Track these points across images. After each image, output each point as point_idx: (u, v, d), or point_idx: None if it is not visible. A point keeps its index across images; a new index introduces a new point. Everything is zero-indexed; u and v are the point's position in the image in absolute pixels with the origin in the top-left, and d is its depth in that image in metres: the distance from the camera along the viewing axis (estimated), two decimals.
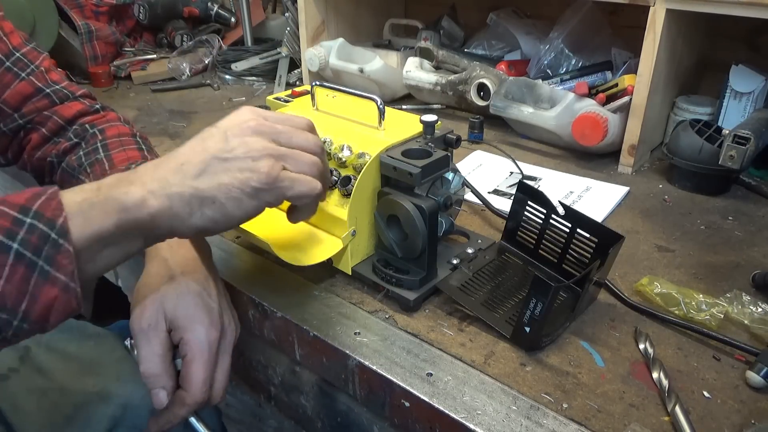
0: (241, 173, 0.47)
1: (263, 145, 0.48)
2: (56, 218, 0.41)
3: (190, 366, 0.54)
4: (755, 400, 0.50)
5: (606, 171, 0.93)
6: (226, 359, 0.58)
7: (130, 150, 0.70)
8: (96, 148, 0.70)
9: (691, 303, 0.59)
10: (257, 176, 0.47)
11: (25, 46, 0.73)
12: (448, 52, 1.17)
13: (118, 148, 0.70)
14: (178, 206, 0.46)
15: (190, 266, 0.58)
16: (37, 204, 0.42)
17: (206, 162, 0.46)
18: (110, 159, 0.68)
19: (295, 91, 0.79)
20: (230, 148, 0.47)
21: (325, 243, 0.64)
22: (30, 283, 0.40)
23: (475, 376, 0.53)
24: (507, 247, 0.69)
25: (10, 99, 0.71)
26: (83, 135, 0.72)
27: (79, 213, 0.43)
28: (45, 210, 0.42)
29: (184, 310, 0.55)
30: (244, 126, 0.49)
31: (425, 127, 0.63)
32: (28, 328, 0.42)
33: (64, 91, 0.74)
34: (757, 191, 0.86)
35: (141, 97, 1.34)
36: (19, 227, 0.40)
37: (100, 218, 0.43)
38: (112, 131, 0.73)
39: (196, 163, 0.46)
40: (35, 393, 0.68)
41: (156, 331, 0.54)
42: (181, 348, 0.55)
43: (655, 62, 0.84)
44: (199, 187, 0.46)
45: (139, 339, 0.54)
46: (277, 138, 0.50)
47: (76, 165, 0.69)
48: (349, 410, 0.63)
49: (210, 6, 1.58)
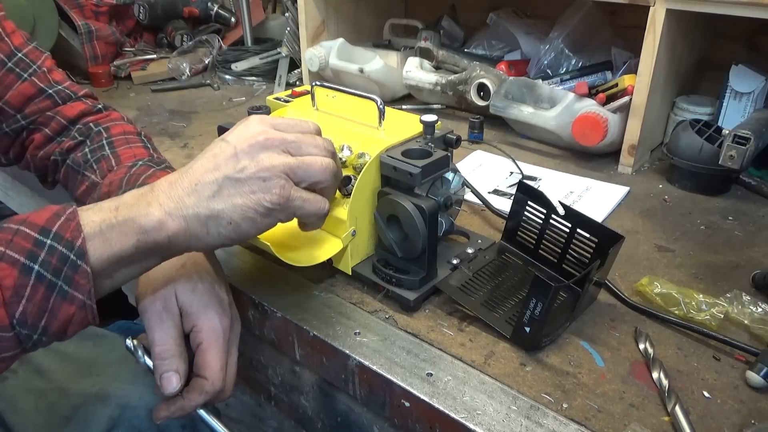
0: (254, 194, 0.48)
1: (274, 163, 0.48)
2: (75, 240, 0.43)
3: (206, 353, 0.54)
4: (755, 400, 0.50)
5: (606, 171, 0.93)
6: (234, 352, 0.58)
7: (136, 147, 0.71)
8: (102, 145, 0.70)
9: (691, 303, 0.59)
10: (269, 197, 0.48)
11: (26, 45, 0.72)
12: (448, 52, 1.17)
13: (124, 145, 0.71)
14: (195, 227, 0.47)
15: (200, 259, 0.59)
16: (56, 225, 0.43)
17: (219, 183, 0.47)
18: (117, 155, 0.69)
19: (295, 91, 0.79)
20: (241, 167, 0.48)
21: (325, 243, 0.63)
22: (50, 302, 0.42)
23: (475, 376, 0.53)
24: (507, 247, 0.69)
25: (12, 100, 0.71)
26: (88, 133, 0.72)
27: (98, 234, 0.44)
28: (64, 232, 0.43)
29: (198, 296, 0.55)
30: (254, 141, 0.49)
31: (425, 127, 0.63)
32: (47, 340, 0.44)
33: (67, 92, 0.74)
34: (757, 191, 0.86)
35: (141, 97, 1.34)
36: (40, 249, 0.42)
37: (119, 240, 0.45)
38: (117, 129, 0.73)
39: (210, 184, 0.47)
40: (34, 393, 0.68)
41: (169, 314, 0.54)
42: (194, 336, 0.55)
43: (655, 62, 0.84)
44: (215, 208, 0.47)
45: (152, 320, 0.54)
46: (287, 148, 0.50)
47: (81, 161, 0.69)
48: (349, 410, 0.63)
49: (210, 6, 1.57)
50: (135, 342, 0.55)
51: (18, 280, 0.41)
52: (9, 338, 0.41)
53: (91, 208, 0.46)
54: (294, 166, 0.49)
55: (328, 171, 0.52)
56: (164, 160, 0.71)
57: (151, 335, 0.53)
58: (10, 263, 0.41)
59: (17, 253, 0.42)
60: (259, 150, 0.49)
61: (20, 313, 0.41)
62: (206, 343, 0.54)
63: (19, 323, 0.41)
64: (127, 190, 0.62)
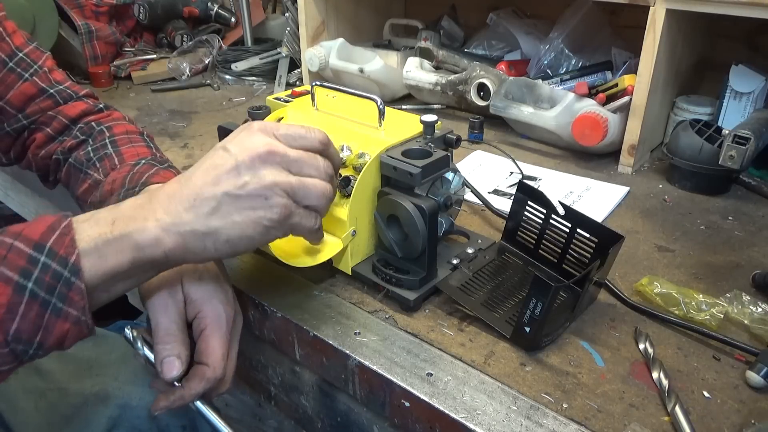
0: (253, 212, 0.47)
1: (275, 180, 0.47)
2: (69, 256, 0.43)
3: (209, 339, 0.54)
4: (755, 400, 0.50)
5: (606, 171, 0.93)
6: (236, 344, 0.58)
7: (139, 146, 0.71)
8: (105, 143, 0.70)
9: (691, 303, 0.59)
10: (270, 215, 0.47)
11: (27, 46, 0.73)
12: (448, 52, 1.17)
13: (127, 144, 0.71)
14: (191, 243, 0.46)
15: None
16: (51, 240, 0.43)
17: (218, 199, 0.46)
18: (120, 154, 0.69)
19: (295, 91, 0.79)
20: (242, 183, 0.46)
21: (325, 243, 0.63)
22: (44, 319, 0.42)
23: (475, 376, 0.53)
24: (507, 247, 0.69)
25: (14, 99, 0.71)
26: (90, 132, 0.72)
27: (93, 250, 0.44)
28: (58, 248, 0.43)
29: (204, 285, 0.55)
30: (255, 155, 0.47)
31: (425, 127, 0.63)
32: (44, 353, 0.44)
33: (68, 91, 0.74)
34: (757, 191, 0.86)
35: (141, 97, 1.34)
36: (34, 266, 0.42)
37: (114, 256, 0.44)
38: (120, 128, 0.73)
39: (209, 200, 0.46)
40: (34, 394, 0.68)
41: (174, 300, 0.54)
42: (197, 322, 0.54)
43: (655, 62, 0.84)
44: (213, 225, 0.46)
45: (157, 306, 0.53)
46: (288, 167, 0.49)
47: (84, 160, 0.69)
48: (349, 410, 0.63)
49: (210, 6, 1.58)
50: (134, 332, 0.54)
51: (12, 298, 0.41)
52: (4, 354, 0.41)
53: (87, 220, 0.45)
54: (295, 187, 0.48)
55: (325, 197, 0.51)
56: (167, 159, 0.71)
57: (155, 320, 0.53)
58: (4, 281, 0.41)
59: (11, 271, 0.41)
60: (261, 164, 0.47)
61: (15, 330, 0.41)
62: (210, 329, 0.54)
63: (14, 340, 0.41)
64: (129, 188, 0.62)
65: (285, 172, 0.48)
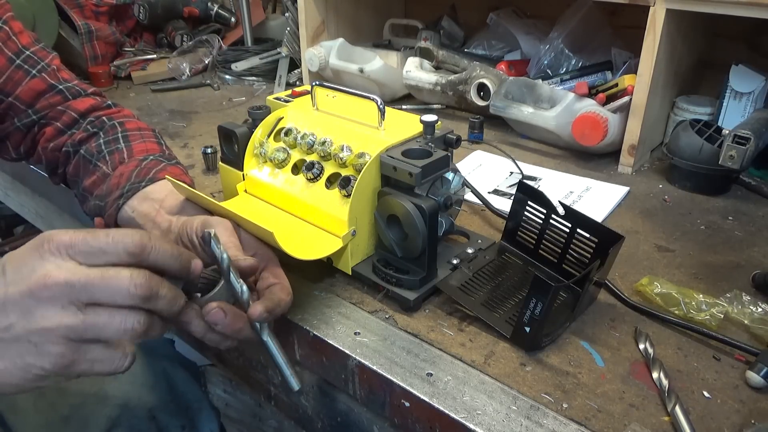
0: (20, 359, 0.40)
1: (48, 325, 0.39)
2: None
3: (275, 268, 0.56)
4: (755, 400, 0.50)
5: (606, 171, 0.93)
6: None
7: (150, 142, 0.72)
8: (117, 137, 0.71)
9: (691, 303, 0.59)
10: (39, 364, 0.40)
11: (34, 45, 0.74)
12: (448, 52, 1.17)
13: (138, 139, 0.72)
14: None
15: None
16: None
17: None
18: (130, 149, 0.70)
19: (295, 91, 0.79)
20: (6, 325, 0.39)
21: (325, 242, 0.63)
22: None
23: (475, 376, 0.53)
24: (507, 247, 0.69)
25: (23, 95, 0.72)
26: (101, 126, 0.73)
27: None
28: None
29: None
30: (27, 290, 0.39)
31: (425, 127, 0.63)
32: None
33: (76, 88, 0.76)
34: (757, 191, 0.86)
35: (141, 97, 1.34)
36: None
37: None
38: (132, 125, 0.74)
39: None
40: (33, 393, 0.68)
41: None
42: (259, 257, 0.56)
43: (655, 62, 0.84)
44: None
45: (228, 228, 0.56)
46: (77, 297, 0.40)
47: (95, 151, 0.70)
48: (349, 410, 0.63)
49: (210, 6, 1.58)
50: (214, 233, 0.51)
51: None
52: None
53: None
54: (80, 330, 0.40)
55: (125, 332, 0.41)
56: (174, 157, 0.72)
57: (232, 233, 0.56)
58: None
59: None
60: (35, 303, 0.39)
61: None
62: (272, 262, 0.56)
63: None
64: (136, 182, 0.63)
65: (70, 310, 0.40)
